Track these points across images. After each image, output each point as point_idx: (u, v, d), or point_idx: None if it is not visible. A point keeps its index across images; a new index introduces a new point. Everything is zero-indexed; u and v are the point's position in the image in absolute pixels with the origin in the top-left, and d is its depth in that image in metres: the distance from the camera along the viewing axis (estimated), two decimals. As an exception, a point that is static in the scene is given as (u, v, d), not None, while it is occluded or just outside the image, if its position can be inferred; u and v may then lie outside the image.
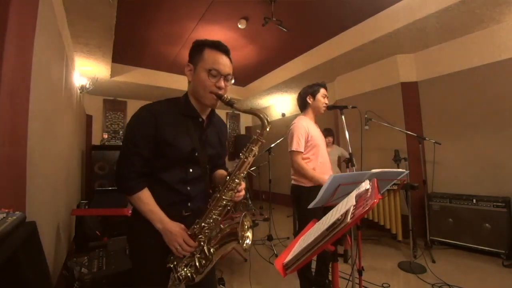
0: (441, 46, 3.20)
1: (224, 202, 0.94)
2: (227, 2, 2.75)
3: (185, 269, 0.93)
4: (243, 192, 1.00)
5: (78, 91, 3.53)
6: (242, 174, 0.95)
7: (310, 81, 2.17)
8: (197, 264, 0.94)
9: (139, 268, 1.00)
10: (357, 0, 2.75)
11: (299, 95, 2.05)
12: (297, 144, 1.84)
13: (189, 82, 1.02)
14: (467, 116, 2.98)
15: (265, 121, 0.95)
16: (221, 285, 2.11)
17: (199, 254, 0.94)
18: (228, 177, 0.95)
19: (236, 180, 0.94)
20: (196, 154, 1.00)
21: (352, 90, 4.11)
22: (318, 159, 1.87)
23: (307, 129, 1.87)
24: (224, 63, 0.97)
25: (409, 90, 3.44)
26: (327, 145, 3.50)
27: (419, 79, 3.43)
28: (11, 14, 0.99)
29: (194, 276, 0.93)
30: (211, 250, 0.94)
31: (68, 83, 2.57)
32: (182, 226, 0.95)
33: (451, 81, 3.11)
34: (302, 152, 1.85)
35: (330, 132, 3.67)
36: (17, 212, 0.67)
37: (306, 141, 1.86)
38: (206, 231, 0.95)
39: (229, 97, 0.97)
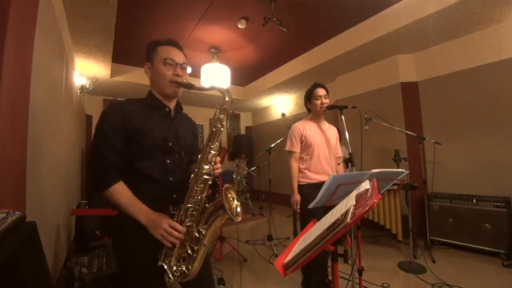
0: (441, 46, 3.20)
1: (204, 177, 0.95)
2: (227, 2, 2.75)
3: (178, 264, 0.90)
4: (219, 165, 1.02)
5: (78, 91, 3.53)
6: (216, 144, 0.98)
7: (310, 81, 2.18)
8: (189, 251, 0.91)
9: (129, 272, 0.95)
10: (357, 0, 2.75)
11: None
12: (290, 145, 2.03)
13: (150, 79, 1.08)
14: (467, 116, 2.98)
15: (224, 91, 1.00)
16: (221, 285, 2.11)
17: (189, 241, 0.92)
18: (202, 150, 0.97)
19: (211, 151, 0.96)
20: (170, 144, 1.01)
21: (352, 90, 4.11)
22: (313, 158, 1.95)
23: (301, 130, 2.00)
24: (177, 54, 1.04)
25: (409, 90, 3.44)
26: None
27: (419, 79, 3.43)
28: (11, 15, 0.99)
29: (190, 267, 0.90)
30: (201, 231, 0.92)
31: (68, 83, 2.57)
32: (166, 215, 0.93)
33: (451, 81, 3.11)
34: (296, 152, 2.00)
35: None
36: (17, 212, 0.67)
37: (301, 141, 1.99)
38: (193, 213, 0.93)
39: (186, 81, 1.03)
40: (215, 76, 3.76)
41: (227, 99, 0.99)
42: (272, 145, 3.43)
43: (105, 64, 3.53)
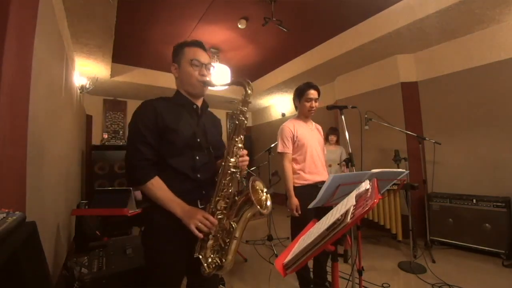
0: (441, 46, 3.20)
1: (231, 170, 0.98)
2: (227, 2, 2.75)
3: (212, 256, 0.94)
4: (247, 158, 1.04)
5: (78, 91, 3.54)
6: (240, 137, 1.01)
7: (310, 81, 2.16)
8: (221, 243, 0.94)
9: (159, 265, 0.98)
10: (357, 0, 2.75)
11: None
12: (282, 146, 1.90)
13: (176, 79, 1.13)
14: (467, 116, 2.98)
15: (245, 83, 1.01)
16: (221, 285, 2.11)
17: (221, 234, 0.95)
18: (228, 143, 1.01)
19: (237, 144, 1.00)
20: (198, 140, 1.05)
21: (352, 90, 4.11)
22: (306, 159, 1.87)
23: (292, 130, 1.89)
24: (203, 55, 1.10)
25: (409, 90, 3.44)
26: (330, 143, 3.50)
27: (419, 79, 3.43)
28: (11, 14, 0.99)
29: (223, 259, 0.94)
30: (232, 224, 0.95)
31: (68, 83, 2.57)
32: (200, 209, 0.98)
33: (451, 81, 3.11)
34: (289, 153, 1.89)
35: (335, 131, 3.57)
36: (17, 212, 0.67)
37: (293, 142, 1.89)
38: (223, 206, 0.96)
39: (210, 80, 1.10)
40: (215, 76, 3.76)
41: (249, 92, 1.02)
42: (272, 145, 3.43)
43: (105, 64, 3.53)
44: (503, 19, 2.65)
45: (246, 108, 1.01)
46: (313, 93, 1.88)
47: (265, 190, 1.01)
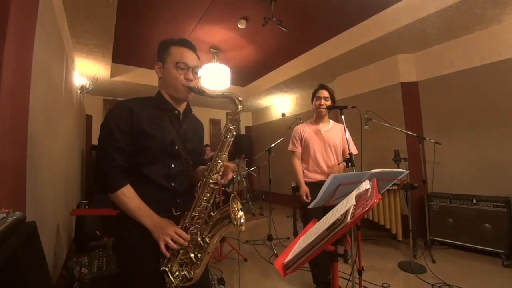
0: (441, 46, 3.20)
1: (211, 186, 0.94)
2: (227, 2, 2.75)
3: (180, 269, 0.90)
4: (230, 175, 0.99)
5: (78, 91, 3.53)
6: (225, 154, 0.96)
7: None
8: (193, 259, 0.91)
9: (130, 273, 0.94)
10: (357, 0, 2.75)
11: None
12: (292, 146, 2.15)
13: (159, 79, 1.05)
14: (467, 116, 2.98)
15: (236, 100, 0.97)
16: (221, 285, 2.11)
17: (193, 248, 0.92)
18: (211, 160, 0.95)
19: (220, 161, 0.95)
20: (176, 148, 0.99)
21: (352, 90, 4.11)
22: (310, 159, 2.06)
23: (301, 131, 2.11)
24: (190, 57, 1.01)
25: (409, 90, 3.44)
26: None
27: (419, 79, 3.43)
28: (11, 14, 0.99)
29: (192, 272, 0.91)
30: (206, 239, 0.93)
31: (68, 83, 2.57)
32: (172, 222, 0.93)
33: (451, 81, 3.11)
34: (297, 152, 2.11)
35: None
36: (17, 212, 0.67)
37: (301, 142, 2.11)
38: (197, 221, 0.93)
39: (198, 87, 1.01)
40: (215, 76, 3.76)
41: (239, 109, 0.97)
42: (272, 145, 3.42)
43: (105, 64, 3.53)
44: (503, 19, 2.65)
45: (234, 126, 0.97)
46: (322, 92, 2.07)
47: (241, 208, 0.98)
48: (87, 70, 3.62)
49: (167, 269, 0.89)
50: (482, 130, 2.85)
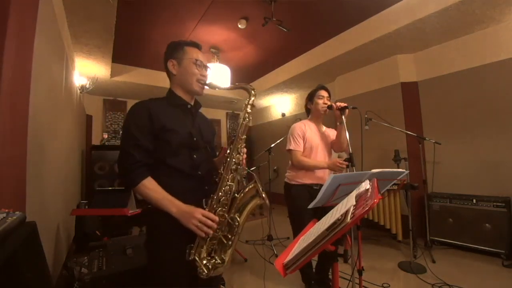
0: (441, 46, 3.20)
1: (234, 166, 1.00)
2: (227, 2, 2.75)
3: (209, 258, 0.92)
4: (244, 155, 1.06)
5: (78, 91, 3.53)
6: (244, 136, 1.05)
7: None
8: (223, 239, 0.94)
9: (160, 266, 0.96)
10: (357, 0, 2.75)
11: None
12: (295, 144, 1.92)
13: (172, 76, 1.12)
14: (467, 116, 2.98)
15: (250, 89, 1.11)
16: (221, 285, 2.11)
17: (222, 229, 0.95)
18: (233, 140, 1.03)
19: (242, 142, 1.03)
20: (195, 139, 1.05)
21: (352, 90, 4.11)
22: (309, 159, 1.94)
23: (303, 129, 1.95)
24: (203, 57, 1.14)
25: (409, 90, 3.44)
26: None
27: (419, 79, 3.43)
28: (11, 14, 0.99)
29: (223, 257, 0.93)
30: (235, 217, 0.96)
31: (68, 83, 2.57)
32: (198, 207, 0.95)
33: (451, 81, 3.11)
34: (299, 151, 1.91)
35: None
36: (17, 212, 0.67)
37: (304, 141, 1.93)
38: (224, 202, 0.97)
39: (211, 82, 1.13)
40: (215, 76, 3.76)
41: (252, 98, 1.10)
42: (272, 145, 3.43)
43: (105, 64, 3.53)
44: (503, 19, 2.65)
45: (250, 110, 1.09)
46: (323, 92, 2.00)
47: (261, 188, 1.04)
48: (87, 70, 3.62)
49: (196, 257, 0.91)
50: (482, 130, 2.85)
